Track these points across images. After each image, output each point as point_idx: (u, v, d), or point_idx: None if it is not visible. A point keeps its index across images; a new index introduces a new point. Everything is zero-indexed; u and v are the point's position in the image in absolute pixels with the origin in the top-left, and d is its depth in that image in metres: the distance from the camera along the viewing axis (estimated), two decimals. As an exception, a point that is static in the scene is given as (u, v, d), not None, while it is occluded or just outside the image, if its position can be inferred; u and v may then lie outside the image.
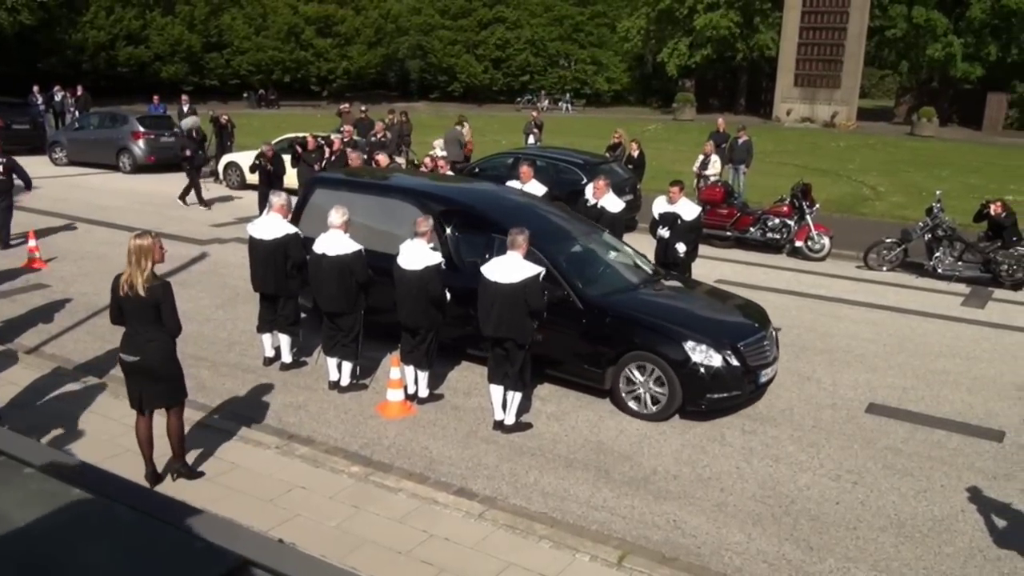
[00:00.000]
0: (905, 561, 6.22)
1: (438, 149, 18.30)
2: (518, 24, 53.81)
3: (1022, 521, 6.80)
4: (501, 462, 7.53)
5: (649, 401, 8.42)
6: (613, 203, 11.69)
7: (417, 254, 8.30)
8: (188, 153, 18.83)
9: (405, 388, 8.60)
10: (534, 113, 26.12)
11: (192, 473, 6.90)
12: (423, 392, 8.69)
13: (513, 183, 12.69)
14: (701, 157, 18.81)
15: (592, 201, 11.74)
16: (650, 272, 10.06)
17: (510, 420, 8.10)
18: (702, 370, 8.20)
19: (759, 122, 41.80)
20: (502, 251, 8.69)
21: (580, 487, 7.14)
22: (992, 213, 14.19)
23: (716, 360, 8.22)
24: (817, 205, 16.12)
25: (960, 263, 14.20)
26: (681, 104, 45.75)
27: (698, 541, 6.40)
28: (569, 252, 9.45)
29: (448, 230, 9.57)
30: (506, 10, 53.77)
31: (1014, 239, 14.03)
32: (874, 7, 43.69)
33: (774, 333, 9.21)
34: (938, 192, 16.34)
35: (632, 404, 8.50)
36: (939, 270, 14.22)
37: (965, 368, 10.16)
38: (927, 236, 14.47)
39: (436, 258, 8.32)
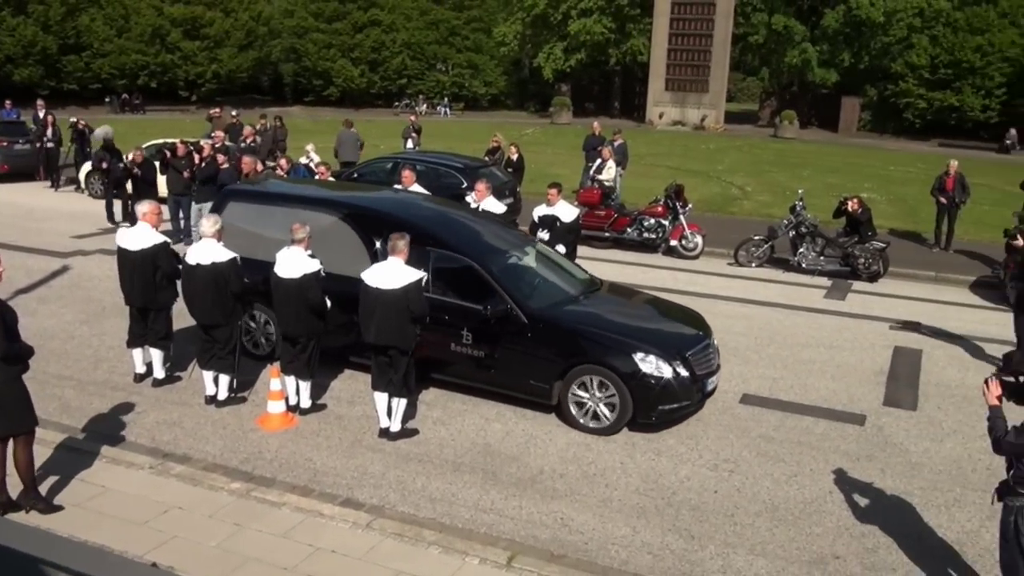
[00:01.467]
0: (779, 543, 6.51)
1: (313, 153, 17.94)
2: (393, 27, 53.44)
3: (883, 498, 7.24)
4: (388, 470, 7.45)
5: (598, 415, 8.20)
6: (494, 206, 11.77)
7: (295, 262, 8.12)
8: (105, 165, 16.96)
9: (286, 399, 8.39)
10: (412, 117, 26.02)
11: (48, 507, 6.42)
12: (305, 402, 8.50)
13: (397, 188, 12.59)
14: (598, 161, 19.16)
15: (474, 205, 11.78)
16: (587, 280, 9.80)
17: (396, 427, 8.02)
18: (652, 381, 8.04)
19: (633, 125, 42.97)
20: (440, 265, 8.69)
21: (468, 491, 7.14)
22: (849, 210, 15.08)
23: (666, 371, 8.09)
24: (690, 205, 16.70)
25: (822, 258, 15.00)
26: (558, 108, 46.50)
27: (585, 537, 6.51)
28: (507, 264, 9.15)
29: (379, 244, 8.98)
30: (381, 13, 53.29)
31: (869, 234, 14.95)
32: (738, 15, 45.68)
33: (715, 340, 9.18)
34: (800, 191, 17.22)
35: (581, 418, 8.27)
36: (803, 265, 14.99)
37: (829, 357, 10.73)
38: (791, 233, 15.23)
39: (314, 265, 8.16)
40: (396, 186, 12.83)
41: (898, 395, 9.57)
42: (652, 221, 16.33)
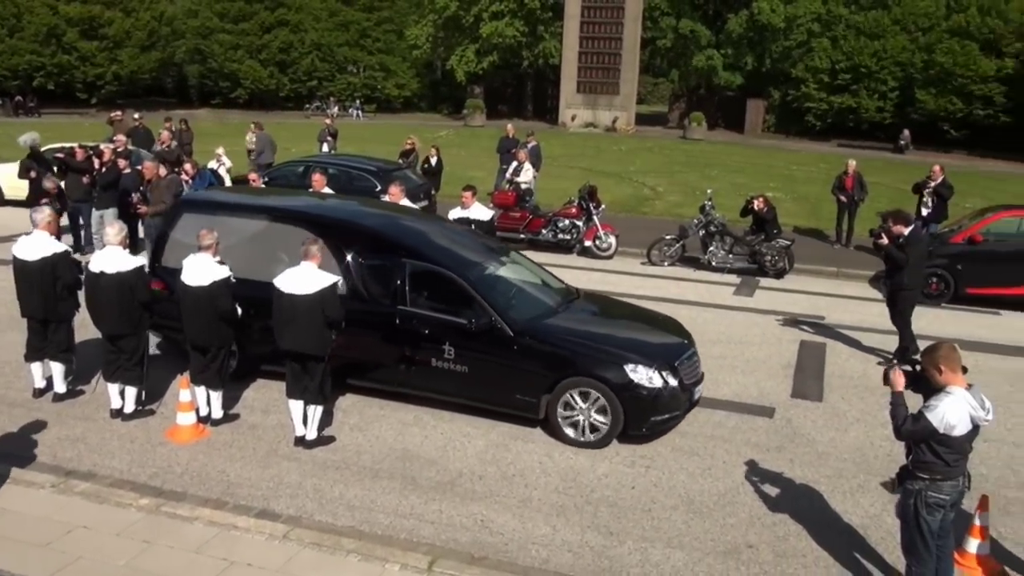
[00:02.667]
0: (695, 535, 6.66)
1: (225, 157, 17.50)
2: (302, 28, 52.60)
3: (792, 487, 7.48)
4: (304, 479, 7.31)
5: (588, 428, 8.02)
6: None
7: (203, 269, 7.90)
8: (33, 175, 14.94)
9: (197, 410, 8.15)
10: (328, 120, 25.65)
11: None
12: (217, 413, 8.28)
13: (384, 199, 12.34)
14: (515, 164, 19.21)
15: None
16: (564, 289, 9.62)
17: (312, 435, 7.89)
18: (644, 392, 7.90)
19: (546, 127, 43.33)
20: (417, 277, 8.47)
21: (387, 496, 7.07)
22: (756, 208, 15.55)
23: (657, 381, 7.95)
24: (603, 206, 16.93)
25: (731, 256, 15.42)
26: (471, 110, 46.54)
27: (505, 538, 6.52)
28: (487, 275, 8.89)
29: (349, 257, 8.70)
30: (289, 13, 52.38)
31: (775, 232, 15.45)
32: (646, 19, 46.59)
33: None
34: (709, 191, 17.67)
35: (571, 432, 8.05)
36: (713, 263, 15.38)
37: (739, 352, 11.03)
38: (701, 232, 15.61)
39: (223, 272, 7.95)
40: (310, 191, 12.57)
41: (805, 387, 9.91)
42: (566, 222, 16.50)
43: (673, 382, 8.06)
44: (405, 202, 11.75)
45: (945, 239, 14.26)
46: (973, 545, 6.31)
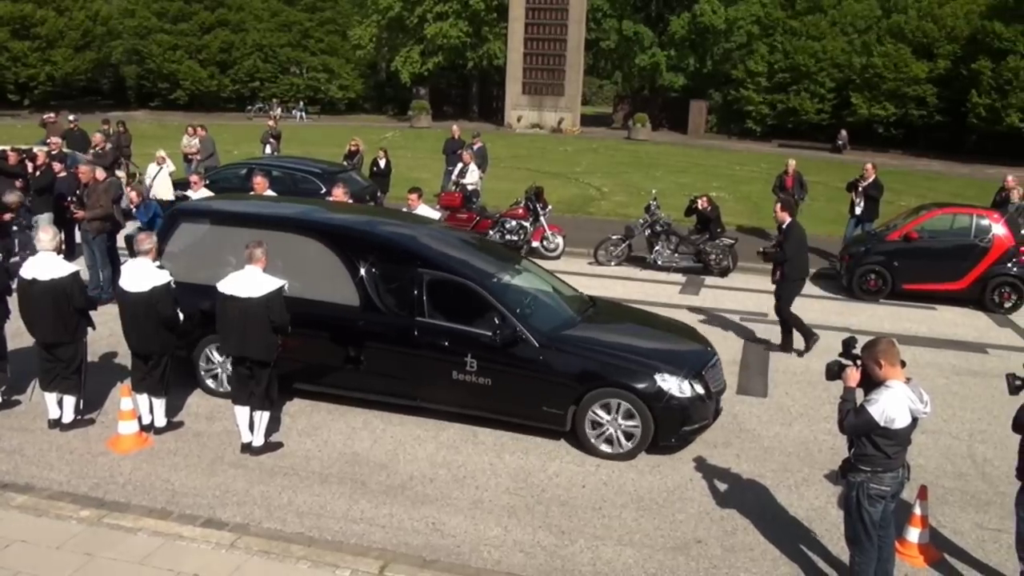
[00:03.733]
0: (645, 532, 6.73)
1: (170, 161, 17.12)
2: (243, 28, 51.72)
3: (740, 482, 7.60)
4: (252, 486, 7.20)
5: (619, 439, 7.87)
6: None
7: (142, 274, 7.72)
8: None
9: (139, 419, 7.97)
10: (270, 122, 25.28)
11: None
12: (160, 421, 8.10)
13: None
14: (460, 165, 19.15)
15: None
16: (580, 297, 9.46)
17: (259, 441, 7.77)
18: (675, 403, 7.77)
19: (492, 128, 43.32)
20: (436, 288, 8.28)
21: (337, 501, 7.00)
22: (699, 208, 15.78)
23: (687, 390, 7.83)
24: (550, 207, 17.00)
25: (676, 255, 15.61)
26: (417, 112, 46.28)
27: (457, 540, 6.51)
28: (505, 284, 8.68)
29: (362, 267, 8.44)
30: (229, 13, 51.46)
31: (719, 231, 15.69)
32: (590, 20, 46.87)
33: None
34: (654, 191, 17.88)
35: (601, 445, 7.92)
36: (659, 262, 15.55)
37: (686, 350, 11.15)
38: (647, 232, 15.77)
39: (164, 277, 7.78)
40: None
41: (750, 383, 10.08)
42: (514, 223, 16.52)
43: (701, 391, 7.94)
44: (351, 204, 11.64)
45: (882, 236, 14.62)
46: (913, 534, 6.49)
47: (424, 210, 11.74)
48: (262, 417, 7.73)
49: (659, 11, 50.07)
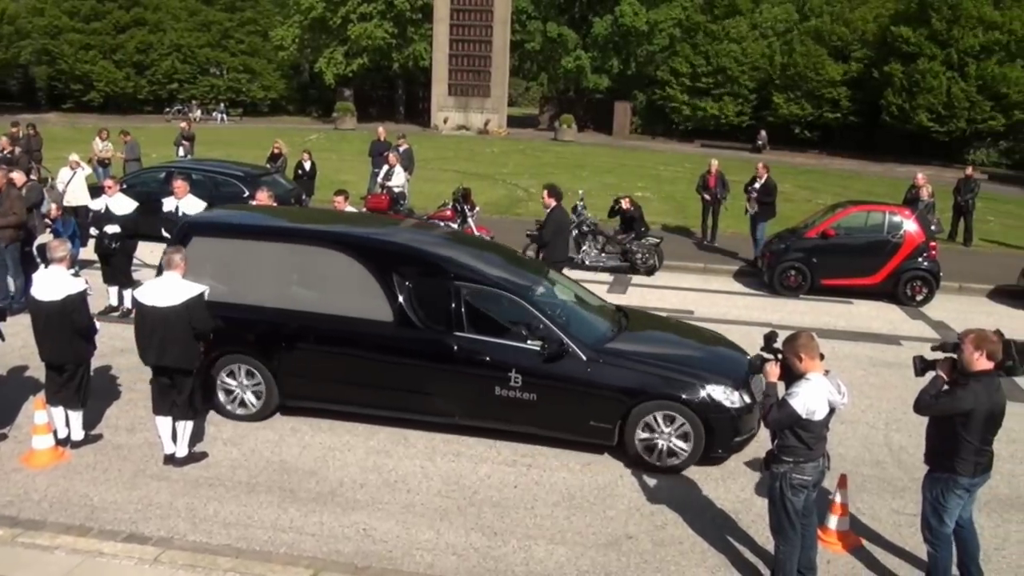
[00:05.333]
0: (577, 530, 6.78)
1: (85, 165, 16.55)
2: (160, 28, 50.37)
3: (668, 477, 7.72)
4: (175, 498, 7.01)
5: (670, 452, 7.70)
6: (194, 206, 11.58)
7: (55, 283, 7.43)
8: None
9: (54, 433, 7.67)
10: (184, 124, 24.68)
11: None
12: (77, 434, 7.81)
13: (168, 200, 11.85)
14: (385, 168, 18.98)
15: (173, 205, 11.60)
16: (610, 307, 9.24)
17: (182, 452, 7.57)
18: (726, 413, 7.61)
19: (418, 130, 43.14)
20: (472, 301, 8.05)
21: (265, 511, 6.87)
22: (623, 208, 16.00)
23: (737, 400, 7.67)
24: (477, 208, 16.99)
25: (603, 255, 15.79)
26: (341, 113, 45.77)
27: (389, 545, 6.45)
28: (544, 296, 8.44)
29: (396, 281, 8.09)
30: (145, 12, 50.05)
31: (643, 230, 15.93)
32: (514, 22, 47.09)
33: None
34: (581, 192, 18.05)
35: (651, 459, 7.73)
36: (587, 262, 15.70)
37: (614, 348, 11.28)
38: (574, 232, 15.89)
39: (79, 285, 7.50)
40: (166, 199, 11.97)
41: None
42: (441, 225, 16.46)
43: (748, 400, 7.76)
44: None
45: (801, 234, 15.05)
46: (834, 521, 6.70)
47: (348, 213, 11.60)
48: (185, 427, 7.53)
49: (582, 13, 50.66)
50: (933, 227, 15.31)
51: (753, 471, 7.77)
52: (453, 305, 7.98)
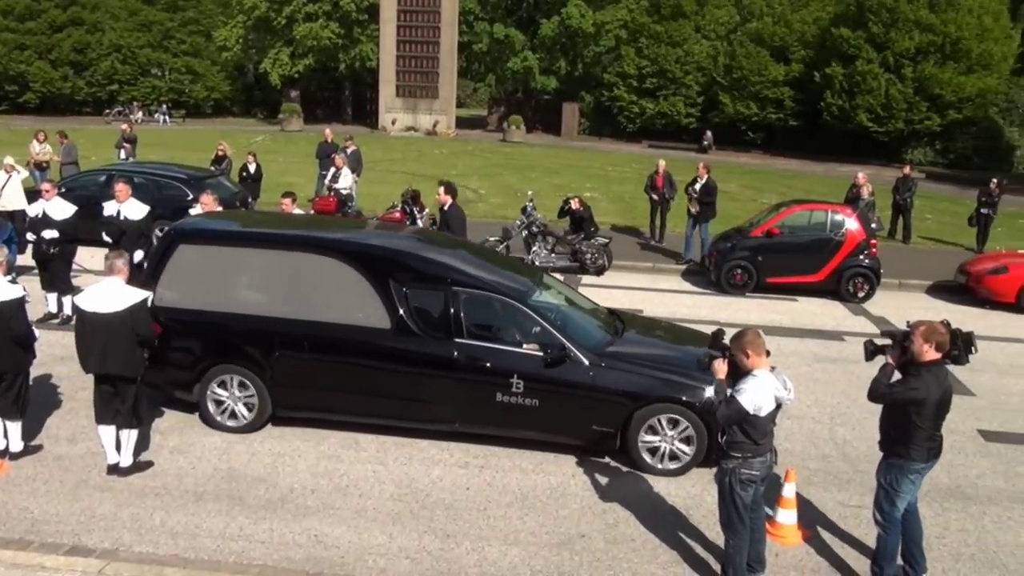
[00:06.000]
0: (530, 530, 6.79)
1: (20, 168, 16.07)
2: (99, 27, 49.16)
3: (620, 475, 7.78)
4: (120, 509, 6.85)
5: (674, 455, 7.74)
6: (136, 210, 11.42)
7: (-7, 289, 7.22)
8: None
9: (-8, 444, 7.44)
10: (124, 126, 24.14)
11: None
12: (16, 446, 7.59)
13: (109, 204, 11.58)
14: (332, 170, 18.80)
15: (114, 209, 11.40)
16: (603, 310, 9.17)
17: (127, 461, 7.40)
18: None
19: (366, 132, 42.81)
20: (471, 306, 7.93)
21: (213, 520, 6.75)
22: (572, 208, 16.09)
23: None
24: (427, 210, 16.91)
25: (553, 255, 15.86)
26: (287, 115, 45.17)
27: (341, 551, 6.39)
28: (543, 300, 8.38)
29: (392, 287, 8.01)
30: (83, 12, 48.81)
31: (593, 230, 16.04)
32: (462, 23, 46.98)
33: None
34: (530, 192, 18.10)
35: (654, 461, 7.75)
36: (536, 263, 15.73)
37: (565, 348, 11.32)
38: (524, 233, 15.96)
39: (16, 292, 7.27)
40: (107, 203, 11.68)
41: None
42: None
43: None
44: (219, 210, 11.25)
45: (746, 233, 15.30)
46: (783, 515, 6.82)
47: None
48: (130, 436, 7.36)
49: (529, 14, 50.77)
50: (873, 225, 15.68)
51: (702, 468, 7.86)
52: (452, 311, 7.94)
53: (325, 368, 8.06)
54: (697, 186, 16.83)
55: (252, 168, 19.35)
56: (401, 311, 7.98)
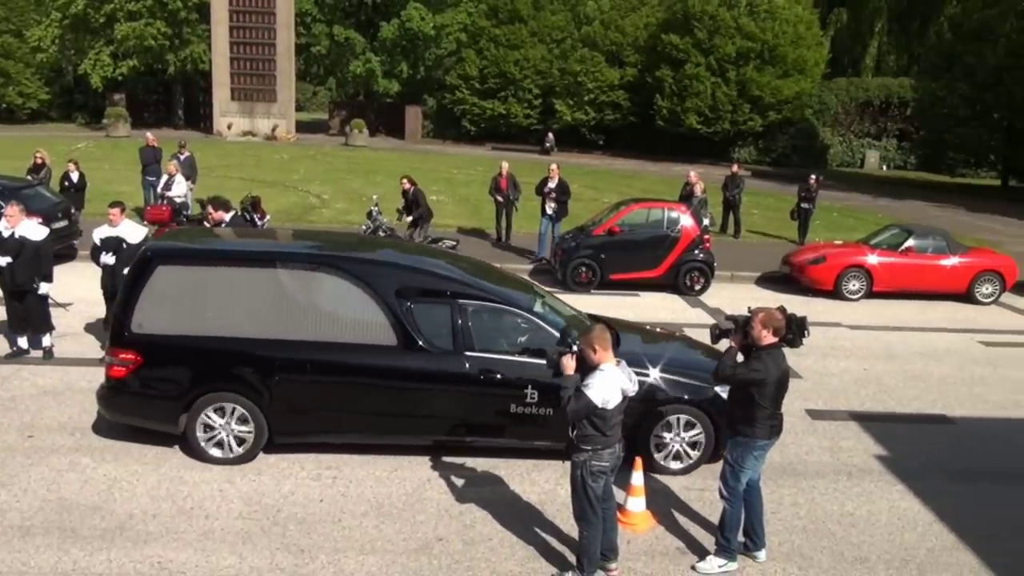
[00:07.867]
0: (387, 538, 6.71)
1: None
2: None
3: (476, 476, 7.83)
4: (-68, 552, 6.25)
5: (682, 454, 7.89)
6: (35, 232, 10.45)
7: None
8: None
9: None
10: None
11: None
12: None
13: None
14: (165, 177, 17.86)
15: (7, 232, 10.28)
16: (585, 318, 8.86)
17: (-61, 499, 6.76)
18: None
19: (201, 136, 41.03)
20: (481, 319, 7.65)
21: (43, 555, 6.27)
22: (405, 189, 16.32)
23: None
24: (268, 216, 16.36)
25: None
26: (113, 120, 42.52)
27: (188, 576, 6.09)
28: (543, 308, 8.29)
29: (396, 303, 7.71)
30: None
31: (424, 214, 16.37)
32: (299, 25, 45.86)
33: None
34: (375, 196, 17.91)
35: (666, 462, 7.90)
36: (384, 267, 15.60)
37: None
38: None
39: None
40: None
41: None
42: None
43: None
44: (28, 223, 10.46)
45: (589, 232, 15.74)
46: (632, 503, 7.07)
47: (129, 226, 10.83)
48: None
49: (369, 17, 50.25)
50: (706, 221, 16.52)
51: (554, 462, 8.01)
52: (459, 323, 7.80)
53: (329, 389, 7.73)
54: (552, 184, 17.24)
55: (75, 177, 18.15)
56: (407, 326, 7.78)
